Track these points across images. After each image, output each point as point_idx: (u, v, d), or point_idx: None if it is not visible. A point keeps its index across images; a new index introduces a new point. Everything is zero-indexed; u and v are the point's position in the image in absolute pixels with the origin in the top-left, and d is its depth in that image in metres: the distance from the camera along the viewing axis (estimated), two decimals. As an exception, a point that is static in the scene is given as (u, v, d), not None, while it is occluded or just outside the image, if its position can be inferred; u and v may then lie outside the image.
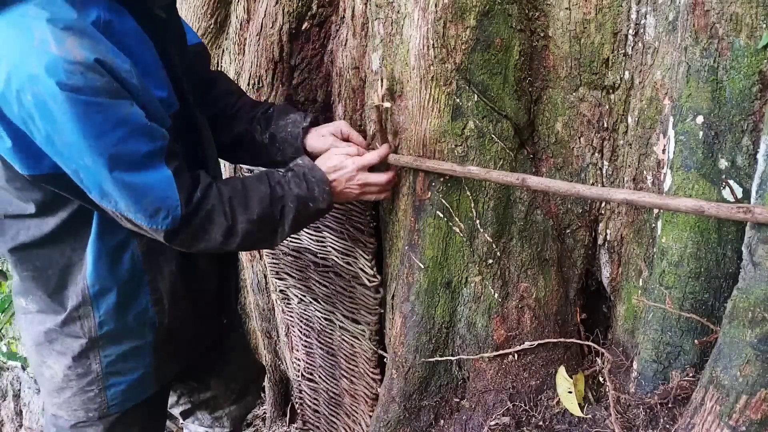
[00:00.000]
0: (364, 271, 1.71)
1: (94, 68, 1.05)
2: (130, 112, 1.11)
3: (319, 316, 1.98)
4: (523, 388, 1.51)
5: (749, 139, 1.13)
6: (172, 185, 1.18)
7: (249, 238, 1.30)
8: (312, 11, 1.73)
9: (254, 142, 1.54)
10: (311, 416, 2.23)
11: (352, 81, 1.70)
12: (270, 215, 1.31)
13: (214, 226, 1.25)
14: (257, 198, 1.29)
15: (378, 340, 1.79)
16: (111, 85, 1.08)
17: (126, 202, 1.16)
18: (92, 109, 1.06)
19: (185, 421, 1.94)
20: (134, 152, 1.13)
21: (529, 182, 1.26)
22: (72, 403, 1.44)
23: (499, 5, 1.33)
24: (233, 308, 1.74)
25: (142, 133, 1.13)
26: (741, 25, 1.08)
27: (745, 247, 1.05)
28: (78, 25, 1.07)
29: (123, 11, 1.19)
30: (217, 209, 1.25)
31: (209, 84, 1.57)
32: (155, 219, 1.18)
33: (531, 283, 1.49)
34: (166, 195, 1.18)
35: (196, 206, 1.22)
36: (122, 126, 1.10)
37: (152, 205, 1.17)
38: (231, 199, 1.27)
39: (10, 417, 3.42)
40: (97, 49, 1.07)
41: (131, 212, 1.17)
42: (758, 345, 1.01)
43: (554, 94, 1.44)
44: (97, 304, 1.35)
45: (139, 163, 1.14)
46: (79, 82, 1.04)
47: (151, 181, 1.16)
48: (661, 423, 1.28)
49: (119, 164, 1.12)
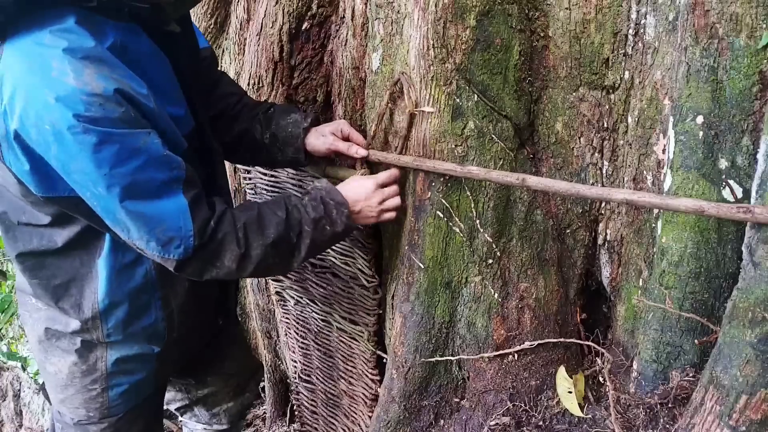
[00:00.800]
0: (363, 272, 1.70)
1: (113, 99, 1.05)
2: (148, 141, 1.11)
3: (316, 317, 1.97)
4: (523, 388, 1.51)
5: (749, 139, 1.13)
6: (187, 214, 1.17)
7: (263, 263, 1.28)
8: (312, 11, 1.73)
9: (255, 141, 1.55)
10: (309, 418, 2.23)
11: (352, 81, 1.70)
12: (286, 239, 1.29)
13: (226, 253, 1.24)
14: (274, 223, 1.28)
15: (377, 340, 1.78)
16: (129, 115, 1.08)
17: (139, 231, 1.15)
18: (109, 139, 1.06)
19: (183, 417, 1.95)
20: (150, 181, 1.13)
21: (529, 182, 1.26)
22: (74, 401, 1.45)
23: (499, 5, 1.33)
24: (231, 309, 1.75)
25: (158, 162, 1.13)
26: (741, 25, 1.08)
27: (745, 247, 1.05)
28: (95, 54, 1.07)
29: (138, 31, 1.18)
30: (230, 237, 1.23)
31: (213, 85, 1.58)
32: (167, 248, 1.18)
33: (531, 283, 1.49)
34: (179, 224, 1.17)
35: (210, 236, 1.21)
36: (138, 155, 1.10)
37: (165, 234, 1.16)
38: (246, 226, 1.25)
39: (10, 417, 3.41)
40: (115, 78, 1.07)
41: (143, 241, 1.17)
42: (758, 345, 1.01)
43: (554, 94, 1.44)
44: (106, 317, 1.35)
45: (154, 192, 1.14)
46: (97, 114, 1.04)
47: (165, 210, 1.15)
48: (661, 423, 1.28)
49: (133, 194, 1.12)
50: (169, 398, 1.84)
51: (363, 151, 1.49)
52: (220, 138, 1.55)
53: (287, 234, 1.29)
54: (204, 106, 1.42)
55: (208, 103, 1.54)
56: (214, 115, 1.55)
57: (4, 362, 3.47)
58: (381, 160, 1.50)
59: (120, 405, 1.46)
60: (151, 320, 1.39)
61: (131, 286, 1.34)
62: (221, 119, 1.56)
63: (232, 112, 1.56)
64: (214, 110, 1.55)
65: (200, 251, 1.21)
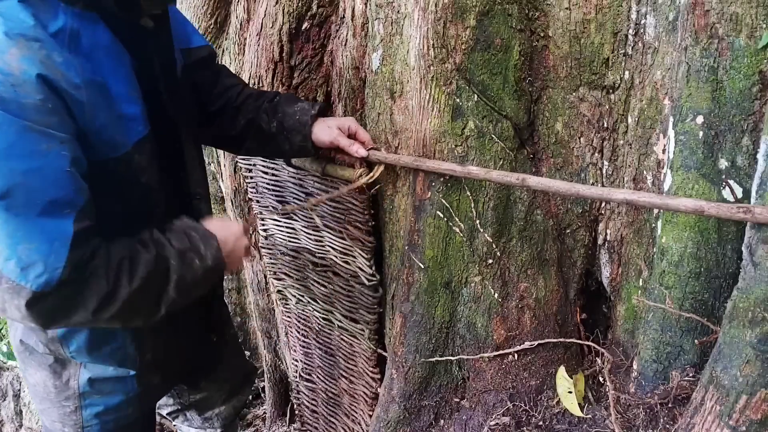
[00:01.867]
0: (363, 270, 1.71)
1: (32, 84, 0.96)
2: (53, 148, 0.98)
3: (317, 315, 1.98)
4: (523, 388, 1.51)
5: (749, 139, 1.13)
6: (66, 244, 1.00)
7: (128, 305, 1.10)
8: (312, 11, 1.73)
9: (261, 131, 1.50)
10: (309, 417, 2.23)
11: (352, 81, 1.70)
12: (155, 277, 1.14)
13: (91, 291, 1.06)
14: (143, 260, 1.12)
15: (377, 339, 1.79)
16: (46, 106, 0.98)
17: (1, 241, 0.99)
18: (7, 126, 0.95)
19: (175, 422, 1.91)
20: (37, 193, 0.98)
21: (529, 182, 1.26)
22: (51, 414, 1.42)
23: (499, 5, 1.33)
24: (217, 322, 1.67)
25: (56, 177, 0.99)
26: (741, 25, 1.08)
27: (745, 247, 1.05)
28: (29, 33, 0.98)
29: (96, 20, 1.09)
30: (100, 272, 1.07)
31: (212, 82, 1.54)
32: (26, 273, 0.99)
33: (531, 283, 1.49)
34: (51, 250, 1.00)
35: (79, 269, 1.03)
36: (34, 158, 0.97)
37: (30, 256, 0.98)
38: (119, 264, 1.09)
39: (10, 417, 3.41)
40: (45, 63, 0.98)
41: (2, 256, 0.99)
42: (758, 345, 1.01)
43: (554, 94, 1.44)
44: (66, 341, 1.29)
45: (38, 207, 0.99)
46: (6, 94, 0.95)
47: (42, 229, 0.99)
48: (661, 423, 1.28)
49: (11, 198, 0.97)
50: (161, 403, 1.81)
51: (363, 152, 1.47)
52: (227, 132, 1.51)
53: (155, 271, 1.13)
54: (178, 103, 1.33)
55: (209, 98, 1.51)
56: (217, 109, 1.51)
57: (4, 362, 3.47)
58: (381, 160, 1.50)
59: (96, 426, 1.41)
60: (119, 343, 1.31)
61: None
62: (225, 112, 1.51)
63: (234, 104, 1.51)
64: (217, 105, 1.51)
65: (63, 287, 1.02)
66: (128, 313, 1.13)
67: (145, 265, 1.12)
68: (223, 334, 1.77)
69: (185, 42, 1.44)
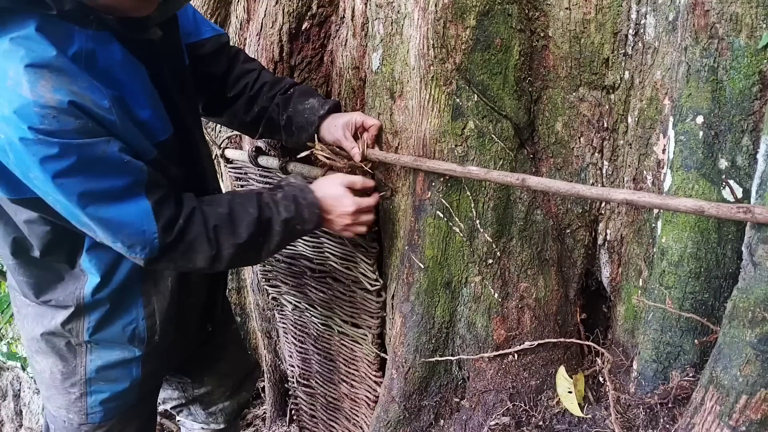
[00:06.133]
0: (366, 276, 1.69)
1: (68, 111, 1.03)
2: (107, 149, 1.10)
3: (315, 321, 1.96)
4: (523, 388, 1.51)
5: (749, 139, 1.13)
6: (150, 216, 1.17)
7: (234, 260, 1.30)
8: (312, 11, 1.73)
9: (272, 121, 1.55)
10: (308, 421, 2.22)
11: (352, 81, 1.70)
12: (256, 239, 1.30)
13: (197, 254, 1.25)
14: (245, 223, 1.28)
15: (380, 343, 1.78)
16: (86, 126, 1.06)
17: (104, 233, 1.17)
18: (66, 151, 1.05)
19: (179, 416, 1.94)
20: (110, 188, 1.13)
21: (529, 182, 1.26)
22: (56, 401, 1.46)
23: (499, 5, 1.33)
24: (219, 314, 1.73)
25: (118, 169, 1.12)
26: (741, 25, 1.08)
27: (745, 247, 1.05)
28: (54, 64, 1.04)
29: (109, 39, 1.15)
30: (201, 238, 1.24)
31: (228, 66, 1.56)
32: (133, 249, 1.19)
33: (531, 283, 1.49)
34: (142, 228, 1.17)
35: (178, 235, 1.21)
36: (97, 164, 1.09)
37: (128, 238, 1.17)
38: (216, 228, 1.26)
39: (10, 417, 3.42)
40: (72, 90, 1.04)
41: (110, 242, 1.18)
42: (758, 345, 1.01)
43: (554, 94, 1.44)
44: (88, 312, 1.35)
45: (116, 198, 1.14)
46: (52, 126, 1.02)
47: (126, 214, 1.15)
48: (661, 423, 1.28)
49: (93, 200, 1.12)
50: (166, 397, 1.84)
51: (358, 156, 1.47)
52: (242, 117, 1.57)
53: (257, 233, 1.30)
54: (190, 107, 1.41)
55: (225, 84, 1.54)
56: (234, 95, 1.55)
57: (4, 362, 3.47)
58: (381, 159, 1.50)
59: (99, 413, 1.46)
60: (132, 318, 1.39)
61: (115, 282, 1.34)
62: (241, 99, 1.56)
63: (251, 93, 1.55)
64: (234, 91, 1.55)
65: (169, 251, 1.22)
66: (235, 264, 1.38)
67: (247, 227, 1.28)
68: (225, 328, 1.82)
69: (195, 35, 1.47)
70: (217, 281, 1.64)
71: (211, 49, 1.50)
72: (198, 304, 1.56)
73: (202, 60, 1.48)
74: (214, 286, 1.62)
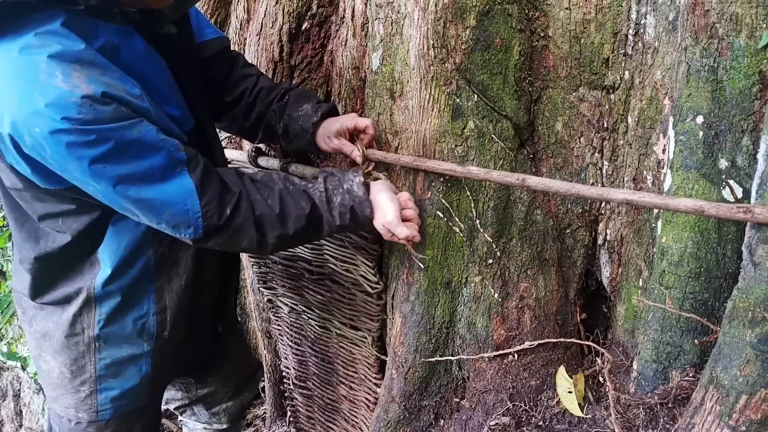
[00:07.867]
0: (367, 278, 1.68)
1: (103, 101, 1.05)
2: (142, 129, 1.11)
3: (313, 324, 1.94)
4: (523, 388, 1.51)
5: (749, 139, 1.13)
6: (194, 195, 1.17)
7: (279, 246, 1.35)
8: (312, 11, 1.73)
9: (271, 128, 1.56)
10: (305, 423, 2.21)
11: (352, 81, 1.70)
12: (305, 233, 1.33)
13: (243, 239, 1.27)
14: (294, 216, 1.29)
15: (380, 345, 1.77)
16: (120, 111, 1.08)
17: (147, 215, 1.17)
18: (103, 137, 1.06)
19: (182, 417, 1.94)
20: (149, 169, 1.13)
21: (529, 182, 1.26)
22: (64, 400, 1.45)
23: (499, 5, 1.33)
24: (229, 314, 1.74)
25: (156, 149, 1.13)
26: (741, 25, 1.08)
27: (745, 247, 1.05)
28: (85, 56, 1.06)
29: (132, 33, 1.18)
30: (247, 224, 1.25)
31: (228, 71, 1.57)
32: (178, 229, 1.20)
33: (531, 283, 1.49)
34: (186, 207, 1.17)
35: (227, 220, 1.23)
36: (134, 147, 1.10)
37: (173, 218, 1.18)
38: (262, 217, 1.27)
39: (10, 417, 3.42)
40: (104, 81, 1.06)
41: (154, 224, 1.19)
42: (758, 345, 1.01)
43: (554, 94, 1.44)
44: (100, 303, 1.36)
45: (158, 178, 1.14)
46: (89, 115, 1.04)
47: (169, 193, 1.16)
48: (661, 423, 1.28)
49: (134, 183, 1.12)
50: (169, 397, 1.84)
51: (359, 158, 1.47)
52: (241, 123, 1.58)
53: (306, 228, 1.31)
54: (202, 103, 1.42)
55: (224, 89, 1.55)
56: (233, 100, 1.56)
57: (4, 362, 3.47)
58: (381, 159, 1.50)
59: (110, 410, 1.46)
60: (143, 312, 1.39)
61: (129, 275, 1.35)
62: (239, 105, 1.57)
63: (249, 99, 1.56)
64: (232, 96, 1.56)
65: (215, 234, 1.23)
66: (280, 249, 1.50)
67: (295, 222, 1.29)
68: (232, 327, 1.82)
69: (198, 36, 1.48)
70: (230, 281, 1.64)
71: (213, 51, 1.51)
72: (210, 304, 1.57)
73: (204, 63, 1.48)
74: (227, 286, 1.62)
